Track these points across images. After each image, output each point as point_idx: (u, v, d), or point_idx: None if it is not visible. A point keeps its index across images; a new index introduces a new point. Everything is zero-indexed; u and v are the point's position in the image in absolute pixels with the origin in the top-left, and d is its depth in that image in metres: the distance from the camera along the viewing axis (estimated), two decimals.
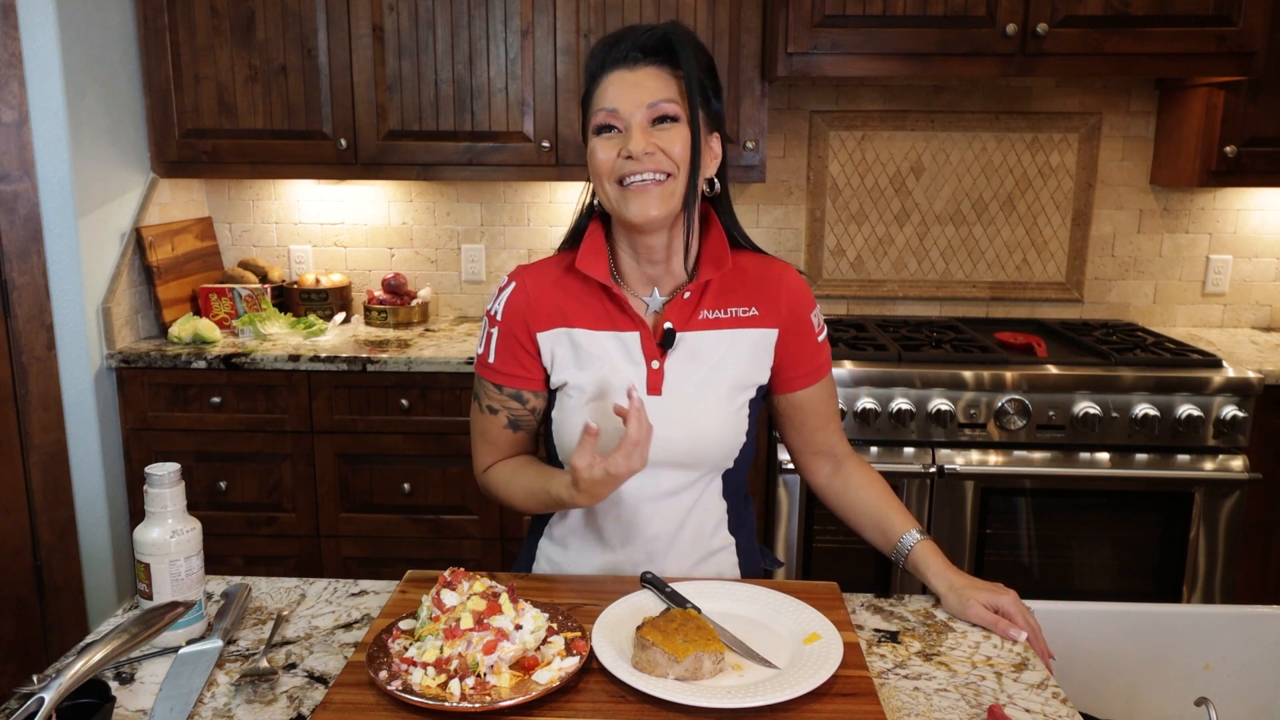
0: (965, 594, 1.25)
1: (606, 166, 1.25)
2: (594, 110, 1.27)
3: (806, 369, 1.37)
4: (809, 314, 1.37)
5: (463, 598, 1.09)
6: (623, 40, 1.27)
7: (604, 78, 1.26)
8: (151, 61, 2.68)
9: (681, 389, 1.31)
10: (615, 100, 1.24)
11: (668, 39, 1.25)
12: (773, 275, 1.36)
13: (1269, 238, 2.98)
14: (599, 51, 1.28)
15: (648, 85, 1.24)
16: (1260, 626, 1.30)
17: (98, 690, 0.95)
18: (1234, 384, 2.36)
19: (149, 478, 1.14)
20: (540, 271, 1.36)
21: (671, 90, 1.25)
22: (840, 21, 2.46)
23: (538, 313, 1.33)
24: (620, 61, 1.26)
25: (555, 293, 1.33)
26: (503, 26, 2.64)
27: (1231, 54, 2.42)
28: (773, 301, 1.34)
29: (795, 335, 1.35)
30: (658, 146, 1.23)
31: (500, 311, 1.35)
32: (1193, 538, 2.42)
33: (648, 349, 1.31)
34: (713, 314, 1.32)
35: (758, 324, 1.34)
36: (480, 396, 1.38)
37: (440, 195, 3.06)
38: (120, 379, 2.57)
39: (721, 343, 1.32)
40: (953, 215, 2.99)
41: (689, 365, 1.31)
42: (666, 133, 1.24)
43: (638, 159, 1.23)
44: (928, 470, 2.38)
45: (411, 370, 2.52)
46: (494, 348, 1.35)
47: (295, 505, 2.61)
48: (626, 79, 1.25)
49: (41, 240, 2.43)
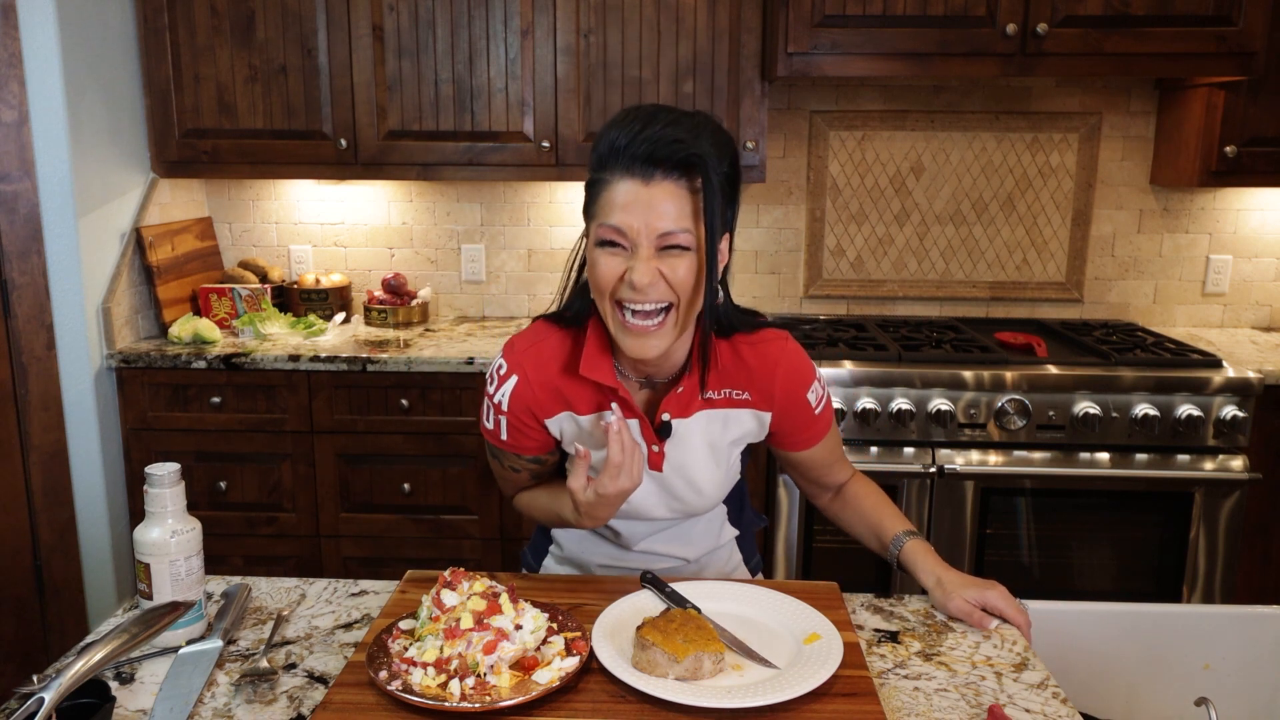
0: (950, 588, 1.26)
1: (607, 284, 1.19)
2: (599, 214, 1.19)
3: (805, 436, 1.39)
4: (805, 393, 1.34)
5: (463, 598, 1.09)
6: (641, 136, 1.14)
7: (614, 183, 1.16)
8: (151, 61, 2.68)
9: (679, 463, 1.33)
10: (624, 220, 1.15)
11: (691, 159, 1.14)
12: (769, 360, 1.31)
13: (1269, 238, 2.98)
14: (612, 138, 1.17)
15: (661, 208, 1.15)
16: (1260, 626, 1.30)
17: (98, 690, 0.95)
18: (1234, 384, 2.36)
19: (149, 478, 1.15)
20: (540, 362, 1.31)
21: (686, 214, 1.16)
22: (840, 21, 2.46)
23: (542, 403, 1.32)
24: (634, 170, 1.15)
25: (557, 384, 1.31)
26: (503, 26, 2.64)
27: (1231, 54, 2.42)
28: (765, 388, 1.32)
29: (791, 415, 1.35)
30: (663, 276, 1.17)
31: (505, 403, 1.32)
32: (1193, 538, 2.42)
33: (647, 435, 1.31)
34: (708, 395, 1.31)
35: (750, 406, 1.34)
36: (499, 458, 1.40)
37: (440, 195, 3.06)
38: (120, 379, 2.57)
39: (715, 422, 1.33)
40: (953, 215, 2.99)
41: (686, 445, 1.33)
42: (675, 260, 1.17)
43: (640, 290, 1.16)
44: (928, 470, 2.38)
45: (411, 370, 2.52)
46: (504, 430, 1.34)
47: (295, 505, 2.61)
48: (640, 196, 1.15)
49: (41, 240, 2.43)
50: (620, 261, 1.17)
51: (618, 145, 1.16)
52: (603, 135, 1.19)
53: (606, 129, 1.19)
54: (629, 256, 1.17)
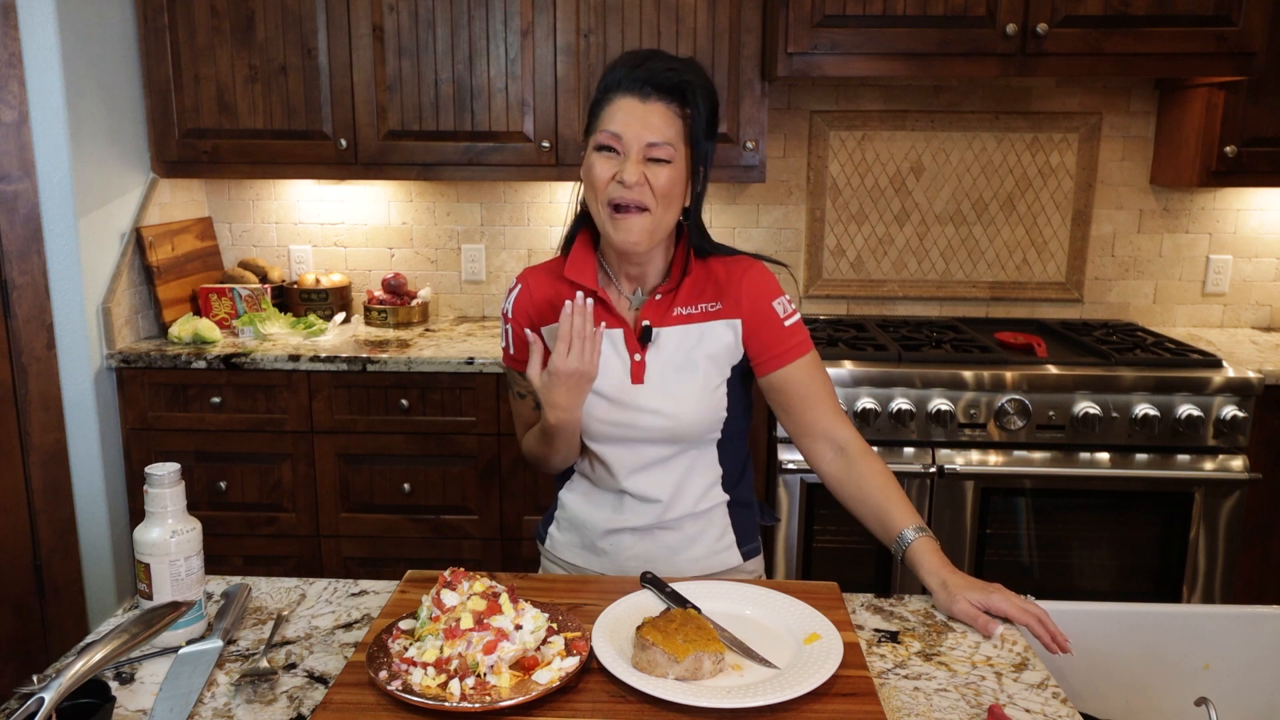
0: (955, 591, 1.26)
1: (600, 184, 1.37)
2: (600, 124, 1.38)
3: (779, 350, 1.46)
4: (770, 302, 1.47)
5: (463, 598, 1.09)
6: (643, 66, 1.36)
7: (616, 99, 1.37)
8: (151, 61, 2.68)
9: (660, 377, 1.44)
10: (621, 126, 1.35)
11: (683, 84, 1.36)
12: (736, 272, 1.48)
13: (1269, 238, 2.98)
14: (619, 69, 1.38)
15: (653, 121, 1.35)
16: (1260, 626, 1.30)
17: (98, 690, 0.95)
18: (1234, 384, 2.36)
19: (149, 478, 1.15)
20: (541, 274, 1.51)
21: (673, 131, 1.36)
22: (840, 21, 2.46)
23: (540, 312, 1.49)
24: (634, 89, 1.36)
25: (552, 293, 1.48)
26: (503, 26, 2.64)
27: (1231, 54, 2.42)
28: (734, 296, 1.46)
29: (760, 322, 1.46)
30: (646, 180, 1.35)
31: (510, 310, 1.51)
32: (1193, 538, 2.42)
33: (630, 344, 1.44)
34: (685, 310, 1.46)
35: (722, 316, 1.46)
36: (511, 385, 1.56)
37: (440, 195, 3.06)
38: (120, 379, 2.57)
39: (692, 335, 1.45)
40: (953, 215, 2.99)
41: (665, 356, 1.45)
42: (658, 169, 1.36)
43: (628, 186, 1.35)
44: (928, 470, 2.38)
45: (411, 370, 2.52)
46: (511, 340, 1.52)
47: (295, 505, 2.61)
48: (635, 110, 1.35)
49: (41, 240, 2.43)
50: (613, 164, 1.36)
51: (620, 73, 1.37)
52: (609, 70, 1.40)
53: (612, 65, 1.39)
54: (621, 160, 1.35)
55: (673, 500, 1.47)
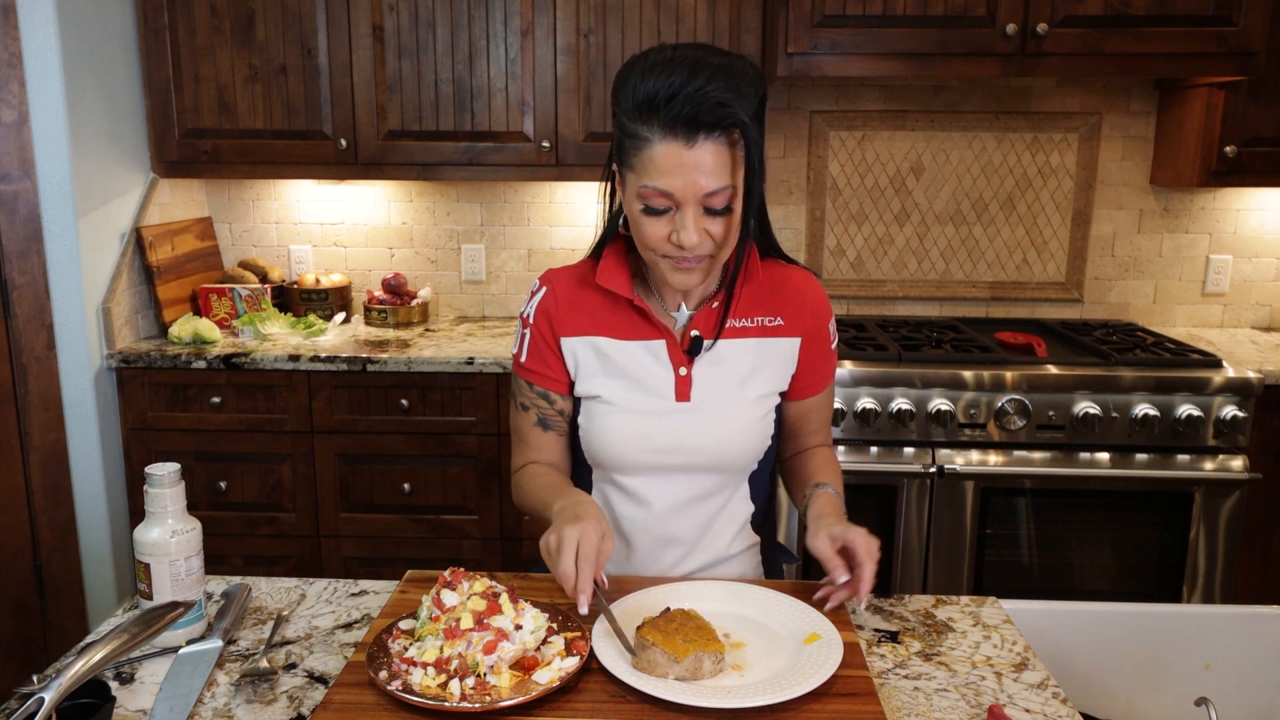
0: (819, 524, 1.24)
1: (654, 244, 1.22)
2: (640, 172, 1.18)
3: (818, 375, 1.40)
4: (827, 323, 1.39)
5: (463, 598, 1.09)
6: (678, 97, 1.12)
7: (656, 142, 1.15)
8: (151, 61, 2.68)
9: (710, 395, 1.32)
10: (667, 182, 1.16)
11: (731, 112, 1.13)
12: (798, 285, 1.37)
13: (1269, 238, 2.98)
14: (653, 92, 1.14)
15: (705, 165, 1.15)
16: (1260, 626, 1.30)
17: (98, 690, 0.95)
18: (1234, 384, 2.36)
19: (149, 478, 1.15)
20: (570, 277, 1.37)
21: (727, 168, 1.16)
22: (840, 21, 2.46)
23: (565, 318, 1.35)
24: (677, 132, 1.14)
25: (583, 300, 1.35)
26: (503, 26, 2.64)
27: (1231, 54, 2.42)
28: (797, 311, 1.36)
29: (814, 343, 1.37)
30: (708, 234, 1.20)
31: (532, 314, 1.37)
32: (1193, 538, 2.42)
33: (674, 355, 1.32)
34: (740, 323, 1.33)
35: (783, 333, 1.35)
36: (515, 394, 1.42)
37: (440, 195, 3.06)
38: (120, 379, 2.57)
39: (749, 351, 1.34)
40: (953, 215, 2.99)
41: (716, 371, 1.32)
42: (719, 220, 1.19)
43: (689, 248, 1.20)
44: (928, 470, 2.38)
45: (411, 370, 2.52)
46: (526, 348, 1.38)
47: (295, 505, 2.61)
48: (683, 158, 1.14)
49: (41, 240, 2.43)
50: (665, 223, 1.20)
51: (658, 99, 1.14)
52: (639, 78, 1.16)
53: (645, 73, 1.15)
54: (672, 216, 1.19)
55: (700, 539, 1.36)
